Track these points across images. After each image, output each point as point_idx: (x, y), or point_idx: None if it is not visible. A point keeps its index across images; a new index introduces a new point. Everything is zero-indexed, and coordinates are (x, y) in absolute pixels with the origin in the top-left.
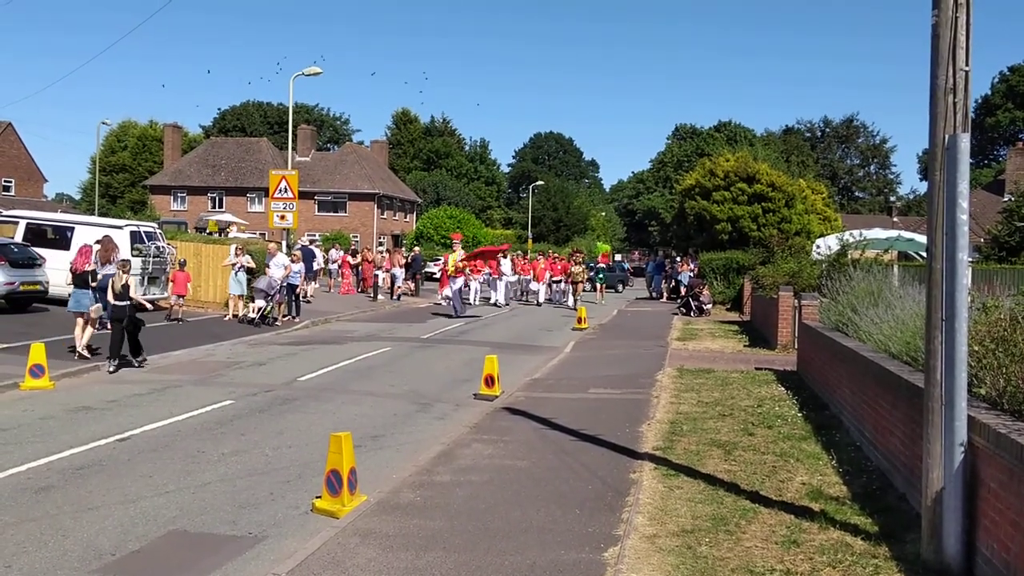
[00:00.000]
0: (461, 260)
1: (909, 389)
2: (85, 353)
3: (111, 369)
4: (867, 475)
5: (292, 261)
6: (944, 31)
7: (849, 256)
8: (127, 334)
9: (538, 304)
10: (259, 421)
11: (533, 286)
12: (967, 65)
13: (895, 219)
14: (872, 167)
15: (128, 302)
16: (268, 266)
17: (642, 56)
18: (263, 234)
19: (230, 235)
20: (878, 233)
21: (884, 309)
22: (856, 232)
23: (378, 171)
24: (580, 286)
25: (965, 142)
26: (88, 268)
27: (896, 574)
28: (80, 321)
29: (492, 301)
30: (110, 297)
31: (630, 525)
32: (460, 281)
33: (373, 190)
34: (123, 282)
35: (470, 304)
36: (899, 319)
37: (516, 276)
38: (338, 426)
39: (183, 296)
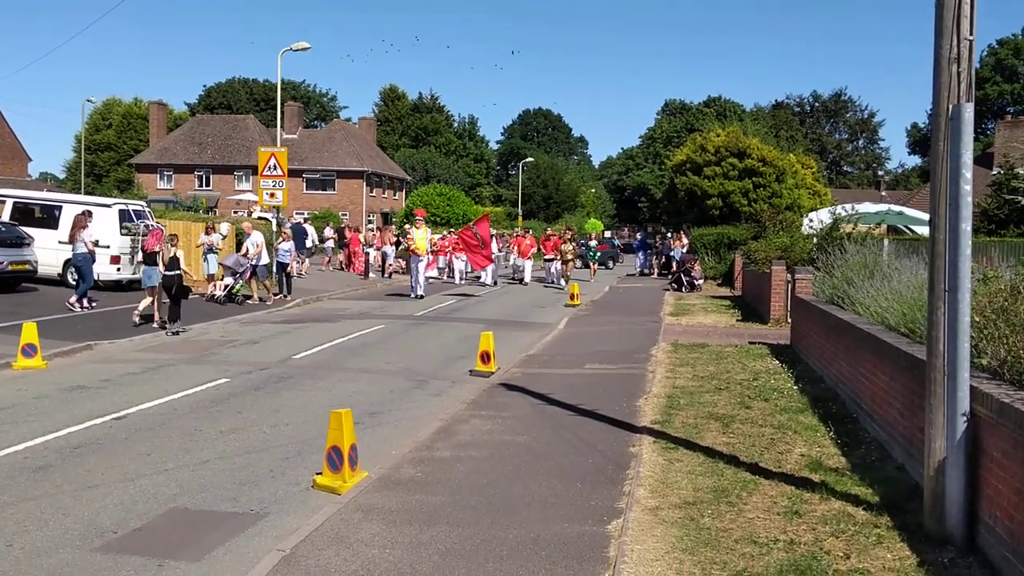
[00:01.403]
0: (440, 239)
1: (908, 360)
2: (136, 320)
3: (173, 332)
4: (865, 446)
5: (282, 239)
6: (948, 0)
7: (841, 230)
8: (171, 301)
9: (523, 283)
10: (255, 399)
11: (518, 263)
12: (971, 34)
13: (883, 193)
14: (860, 142)
15: (177, 272)
16: (259, 246)
17: (630, 32)
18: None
19: (254, 215)
20: (868, 207)
21: (880, 281)
22: (847, 206)
23: (366, 148)
24: (571, 264)
25: (969, 112)
26: (157, 249)
27: (899, 543)
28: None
29: (481, 280)
30: (160, 268)
31: (632, 498)
32: (424, 260)
33: (362, 168)
34: (171, 255)
35: (420, 285)
36: (896, 291)
37: (504, 253)
38: (335, 403)
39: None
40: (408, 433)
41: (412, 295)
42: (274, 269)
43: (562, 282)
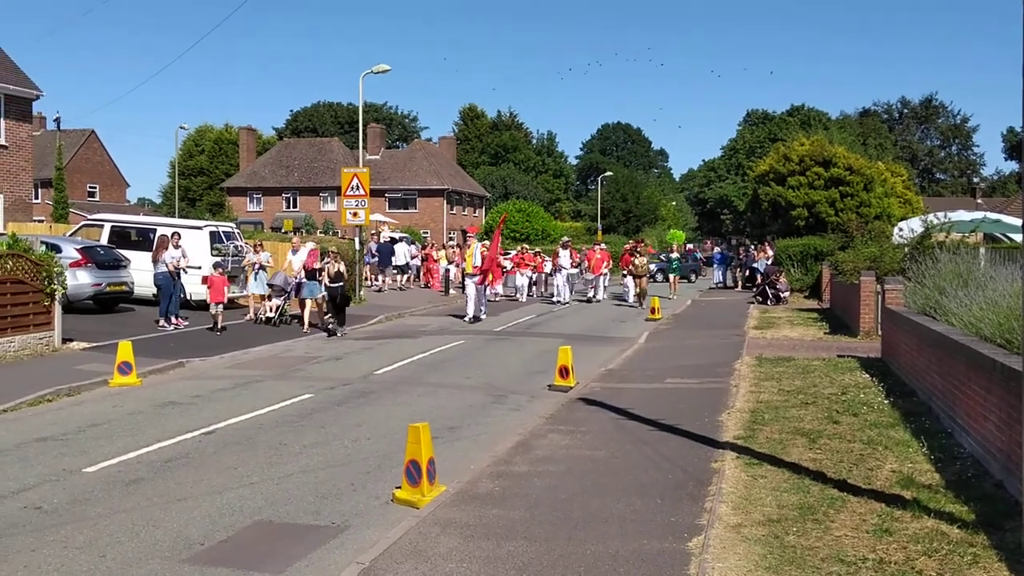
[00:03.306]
0: (481, 259)
1: (1004, 372)
2: (310, 331)
3: (341, 334)
4: (960, 462)
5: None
6: None
7: (934, 239)
8: (336, 308)
9: (595, 300)
10: (338, 414)
11: (588, 278)
12: None
13: (979, 201)
14: (953, 148)
15: (340, 284)
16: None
17: (710, 41)
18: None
19: (382, 234)
20: (962, 215)
21: (975, 290)
22: (940, 214)
23: (446, 167)
24: (644, 280)
25: None
26: (316, 266)
27: (996, 563)
28: (309, 303)
29: (553, 298)
30: (326, 280)
31: (714, 515)
32: (475, 279)
33: (442, 186)
34: (335, 270)
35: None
36: (991, 300)
37: (579, 270)
38: (415, 418)
39: (221, 303)
40: (486, 448)
41: (465, 318)
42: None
43: (631, 298)
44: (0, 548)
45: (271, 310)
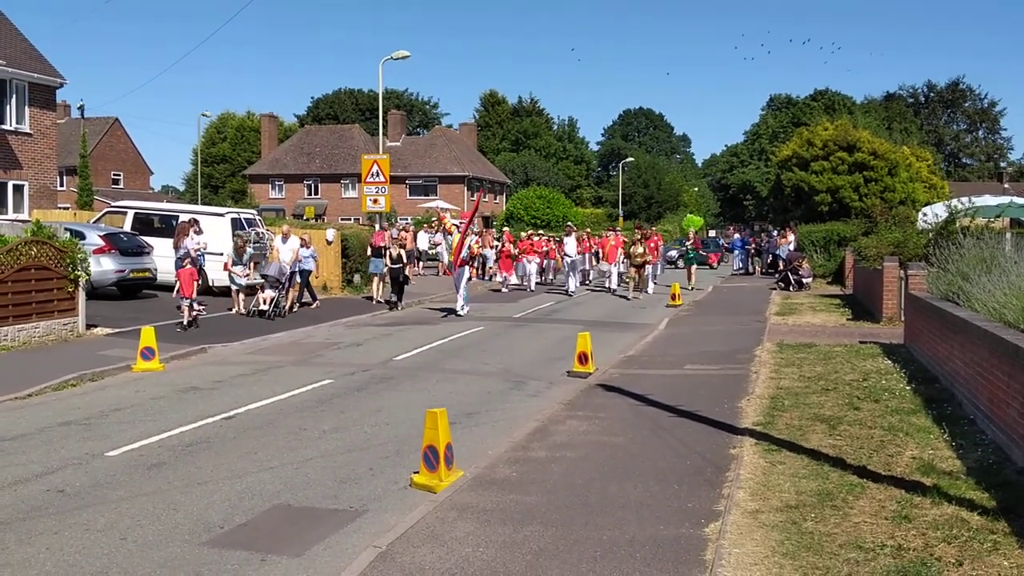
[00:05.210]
0: (468, 243)
1: None
2: (382, 301)
3: (395, 306)
4: (982, 449)
5: (302, 245)
6: None
7: (958, 224)
8: (398, 286)
9: (610, 290)
10: (357, 399)
11: (603, 267)
12: None
13: (1006, 185)
14: (980, 132)
15: (400, 266)
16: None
17: (733, 25)
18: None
19: (448, 222)
20: (988, 200)
21: (998, 276)
22: (964, 199)
23: (467, 153)
24: (643, 270)
25: None
26: (382, 244)
27: (1017, 550)
28: (376, 279)
29: (566, 289)
30: (387, 261)
31: (731, 500)
32: (465, 272)
33: (463, 172)
34: (396, 254)
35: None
36: (1015, 286)
37: (583, 257)
38: (433, 403)
39: (190, 298)
40: (504, 433)
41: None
42: (298, 278)
43: (649, 290)
44: (24, 531)
45: (264, 302)
